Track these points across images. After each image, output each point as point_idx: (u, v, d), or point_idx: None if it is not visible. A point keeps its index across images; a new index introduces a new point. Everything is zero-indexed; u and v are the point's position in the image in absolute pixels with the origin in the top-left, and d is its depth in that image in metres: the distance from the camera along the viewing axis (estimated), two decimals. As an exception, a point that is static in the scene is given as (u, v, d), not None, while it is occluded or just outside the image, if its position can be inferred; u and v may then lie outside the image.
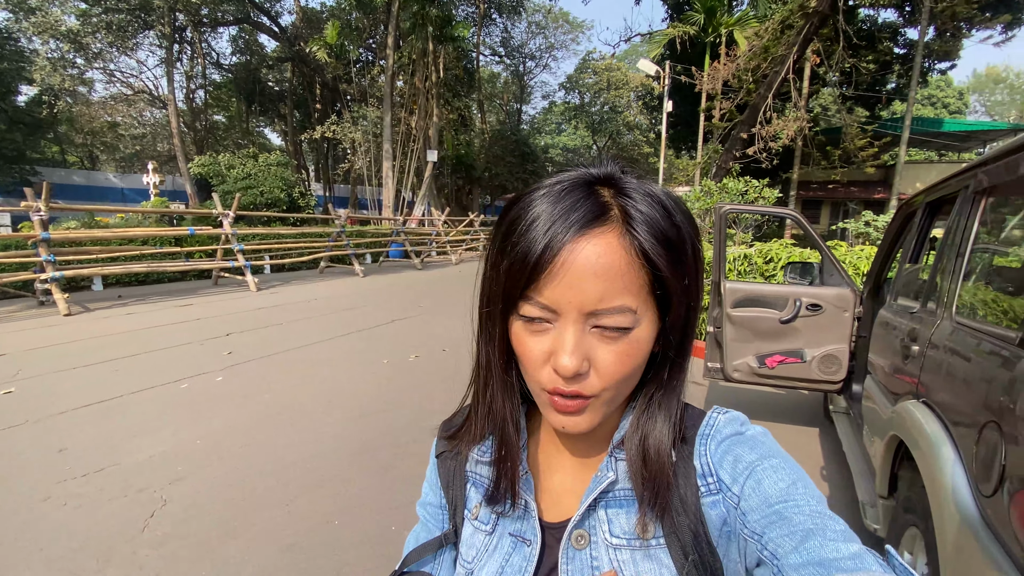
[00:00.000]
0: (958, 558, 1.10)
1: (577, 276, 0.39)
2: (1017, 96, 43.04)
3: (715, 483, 0.45)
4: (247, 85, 29.07)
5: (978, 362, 1.26)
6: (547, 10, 37.74)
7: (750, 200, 6.99)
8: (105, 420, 3.40)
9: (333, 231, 11.73)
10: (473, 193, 27.97)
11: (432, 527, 0.58)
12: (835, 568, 0.34)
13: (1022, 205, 1.59)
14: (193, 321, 6.44)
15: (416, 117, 20.05)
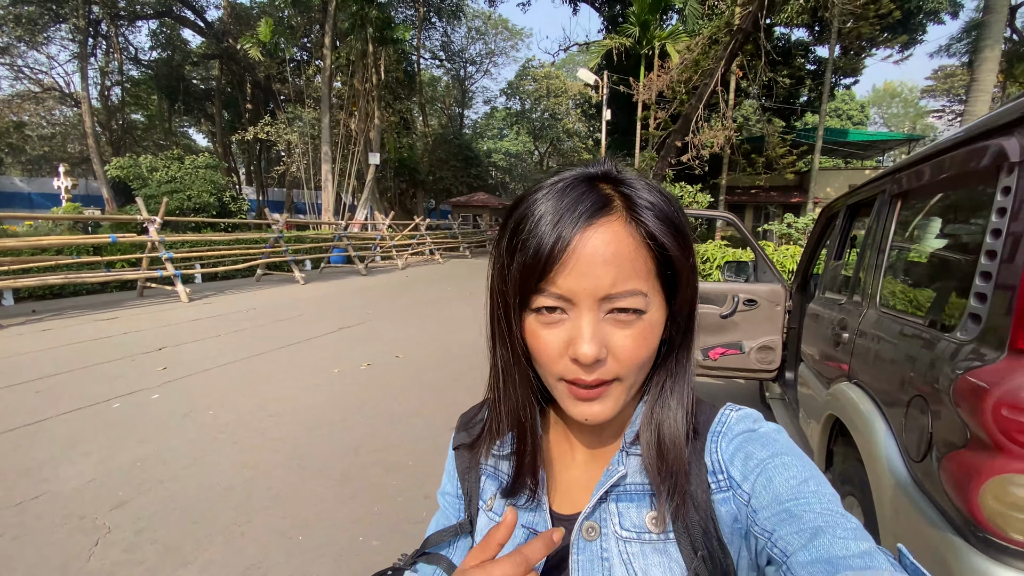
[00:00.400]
0: (896, 518, 1.26)
1: (589, 264, 0.40)
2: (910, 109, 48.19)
3: (726, 480, 0.45)
4: (169, 82, 27.10)
5: (902, 344, 1.43)
6: (487, 16, 38.00)
7: (686, 204, 7.41)
8: (31, 445, 3.08)
9: (270, 237, 11.18)
10: (417, 196, 27.58)
11: (450, 515, 0.60)
12: (844, 566, 0.34)
13: (929, 206, 1.83)
14: (120, 336, 5.93)
15: (356, 119, 19.52)
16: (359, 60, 17.79)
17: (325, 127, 16.96)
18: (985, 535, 0.97)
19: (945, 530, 1.07)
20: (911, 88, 41.67)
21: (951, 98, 36.90)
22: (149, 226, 8.32)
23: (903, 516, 1.22)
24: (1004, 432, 0.94)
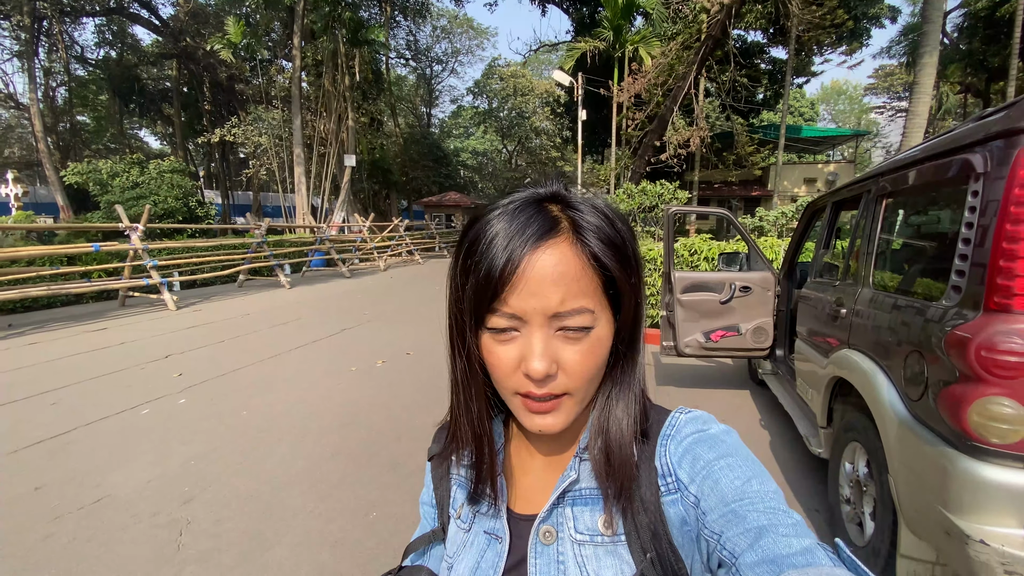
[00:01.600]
0: (900, 445, 1.63)
1: (537, 284, 0.42)
2: (855, 105, 50.99)
3: (674, 483, 0.47)
4: (121, 83, 25.96)
5: (896, 314, 1.81)
6: (452, 15, 37.98)
7: (667, 200, 7.88)
8: (67, 456, 3.16)
9: (253, 241, 11.07)
10: (391, 198, 27.43)
11: (426, 524, 0.64)
12: (787, 564, 0.35)
13: (911, 204, 2.23)
14: (117, 346, 5.89)
15: (326, 120, 19.31)
16: (329, 61, 17.62)
17: (296, 129, 16.75)
18: (972, 443, 1.34)
19: (940, 446, 1.44)
20: (855, 86, 44.24)
21: (891, 95, 39.34)
22: (131, 234, 8.16)
23: (905, 443, 1.59)
24: (983, 368, 1.31)
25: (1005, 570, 1.27)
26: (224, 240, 11.48)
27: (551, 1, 20.31)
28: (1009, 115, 1.45)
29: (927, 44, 8.77)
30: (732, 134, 13.78)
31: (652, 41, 11.02)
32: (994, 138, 1.48)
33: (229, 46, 15.21)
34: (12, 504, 2.61)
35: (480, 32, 41.21)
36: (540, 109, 40.32)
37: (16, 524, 2.43)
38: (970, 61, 16.15)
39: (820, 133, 25.57)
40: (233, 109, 26.11)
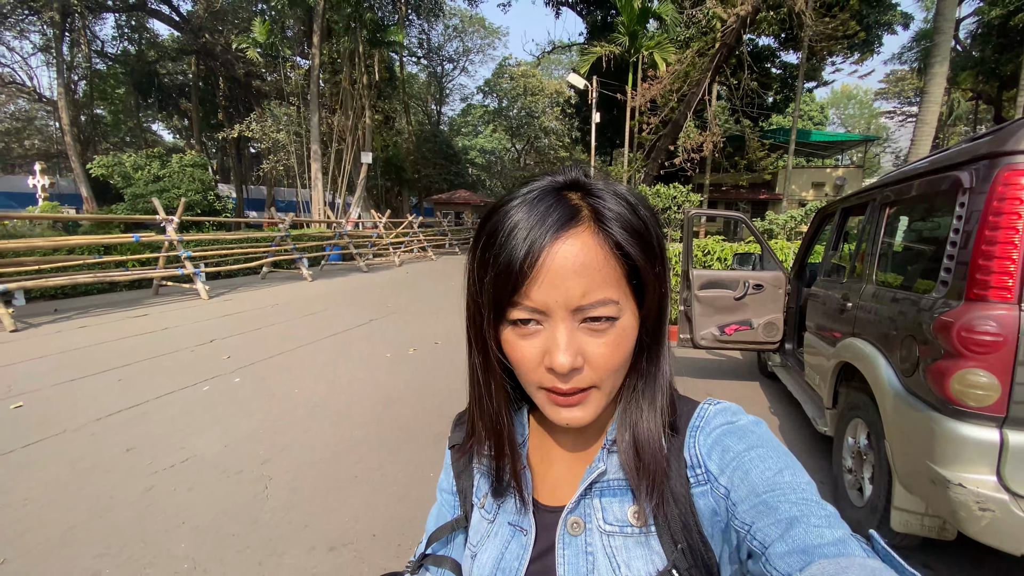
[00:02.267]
0: (895, 413, 1.95)
1: (559, 275, 0.41)
2: (865, 110, 50.94)
3: (703, 474, 0.47)
4: (141, 77, 26.46)
5: (894, 306, 2.13)
6: (464, 15, 38.29)
7: (680, 202, 8.18)
8: (145, 424, 3.52)
9: (276, 235, 11.45)
10: (402, 194, 27.81)
11: (445, 511, 0.63)
12: (819, 554, 0.35)
13: (910, 212, 2.54)
14: (162, 331, 6.26)
15: (340, 118, 19.68)
16: (347, 60, 17.98)
17: (314, 126, 17.13)
18: (954, 407, 1.66)
19: (928, 411, 1.76)
20: (866, 91, 44.25)
21: (902, 100, 39.33)
22: (167, 226, 8.54)
23: (899, 412, 1.91)
24: (963, 345, 1.62)
25: (979, 507, 1.59)
26: (251, 233, 11.86)
27: (565, 4, 20.60)
28: (993, 140, 1.77)
29: (937, 54, 9.01)
30: (743, 138, 14.05)
31: (667, 46, 11.30)
32: (980, 159, 1.80)
33: (255, 45, 15.59)
34: (112, 461, 2.97)
35: (492, 31, 41.50)
36: (550, 109, 40.60)
37: (121, 477, 2.78)
38: (982, 69, 16.31)
39: (829, 138, 25.74)
40: (249, 105, 26.56)
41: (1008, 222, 1.64)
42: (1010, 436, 1.60)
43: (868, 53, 15.34)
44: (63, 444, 3.18)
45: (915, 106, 31.13)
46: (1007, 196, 1.65)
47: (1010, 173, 1.66)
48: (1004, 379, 1.59)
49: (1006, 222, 1.64)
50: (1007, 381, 1.59)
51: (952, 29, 8.88)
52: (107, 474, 2.82)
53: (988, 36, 15.45)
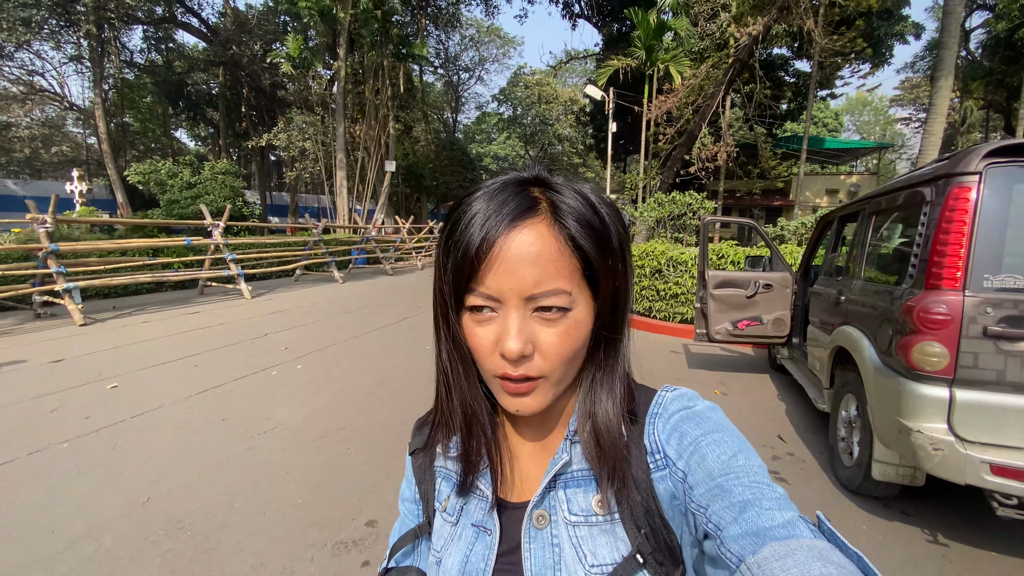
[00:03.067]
0: (874, 382, 2.41)
1: (513, 263, 0.43)
2: (880, 117, 50.79)
3: (662, 459, 0.48)
4: (169, 87, 27.59)
5: (875, 297, 2.59)
6: (480, 25, 39.15)
7: (695, 209, 8.64)
8: (232, 400, 4.07)
9: (310, 240, 12.10)
10: (421, 201, 28.57)
11: (408, 521, 0.63)
12: (769, 536, 0.37)
13: (888, 219, 3.00)
14: (218, 326, 6.87)
15: (363, 127, 20.44)
16: (371, 72, 18.72)
17: (340, 135, 17.87)
18: (915, 372, 2.12)
19: (897, 377, 2.22)
20: (880, 98, 44.20)
21: (917, 107, 39.28)
22: (213, 230, 9.20)
23: (877, 380, 2.38)
24: (921, 323, 2.09)
25: (933, 448, 2.06)
26: (287, 238, 12.54)
27: (581, 16, 21.19)
28: (948, 163, 2.24)
29: (943, 68, 9.39)
30: (756, 146, 14.50)
31: (682, 60, 11.80)
32: (939, 178, 2.27)
33: (288, 59, 16.40)
34: (213, 428, 3.52)
35: (508, 41, 42.33)
36: (563, 116, 41.22)
37: (224, 440, 3.33)
38: (991, 79, 16.54)
39: (843, 145, 25.94)
40: (273, 113, 27.53)
41: (957, 228, 2.11)
42: (957, 393, 2.06)
43: (879, 65, 15.73)
44: (166, 415, 3.74)
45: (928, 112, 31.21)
46: (956, 208, 2.12)
47: (959, 189, 2.13)
48: (952, 349, 2.06)
49: (955, 228, 2.11)
50: (954, 350, 2.06)
51: (956, 45, 9.25)
52: (212, 437, 3.36)
53: (996, 48, 15.70)
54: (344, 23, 16.69)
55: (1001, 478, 1.96)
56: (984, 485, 1.99)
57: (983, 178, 2.10)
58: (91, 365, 4.95)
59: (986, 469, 1.98)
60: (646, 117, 11.43)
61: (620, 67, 12.27)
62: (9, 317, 7.23)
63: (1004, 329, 2.01)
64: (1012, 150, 2.10)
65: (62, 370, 4.77)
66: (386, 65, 17.71)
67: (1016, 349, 2.00)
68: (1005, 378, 2.02)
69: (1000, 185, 2.09)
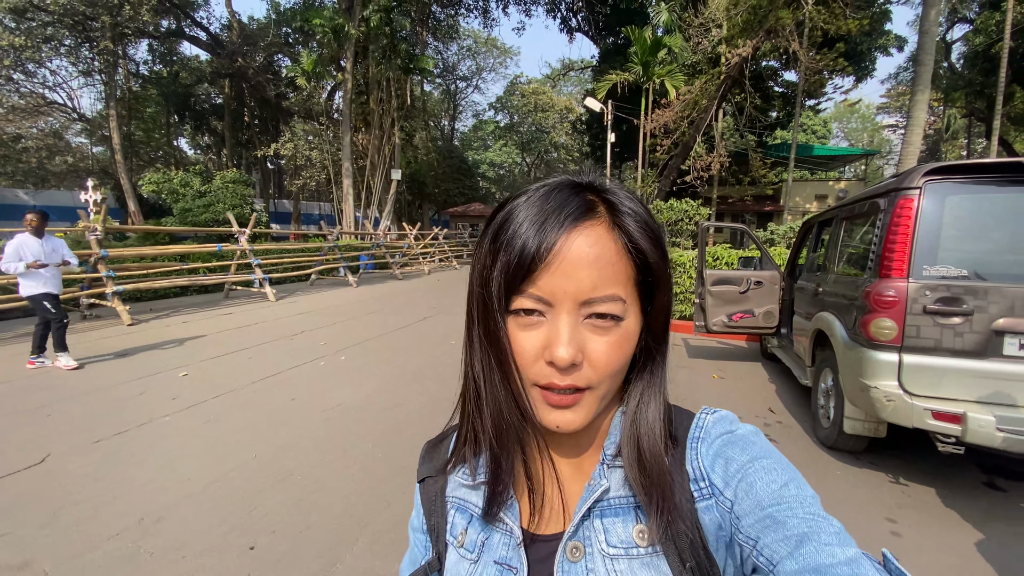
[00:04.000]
0: (843, 354, 3.03)
1: (572, 265, 0.41)
2: (868, 123, 52.00)
3: (708, 487, 0.45)
4: (176, 99, 28.17)
5: (844, 287, 3.22)
6: (477, 36, 40.01)
7: (691, 215, 9.29)
8: (294, 384, 4.63)
9: (326, 246, 12.66)
10: (423, 208, 29.19)
11: (417, 553, 0.60)
12: (832, 575, 0.34)
13: (855, 224, 3.63)
14: (254, 325, 7.41)
15: (367, 136, 21.06)
16: (374, 83, 19.37)
17: (346, 145, 18.48)
18: (872, 342, 2.74)
19: (860, 348, 2.84)
20: (868, 105, 45.41)
21: (903, 114, 40.40)
22: (240, 237, 9.75)
23: (846, 351, 2.99)
24: (875, 304, 2.71)
25: (887, 400, 2.67)
26: (307, 244, 13.09)
27: (579, 30, 21.98)
28: (897, 180, 2.87)
29: (920, 83, 10.14)
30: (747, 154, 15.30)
31: (676, 75, 12.54)
32: (891, 191, 2.90)
33: (303, 74, 17.04)
34: (285, 406, 4.08)
35: (504, 51, 43.17)
36: (559, 124, 42.08)
37: (300, 415, 3.90)
38: (971, 89, 17.43)
39: (832, 152, 26.84)
40: (276, 123, 28.13)
41: (903, 230, 2.73)
42: (904, 358, 2.68)
43: (862, 78, 16.62)
44: (240, 397, 4.30)
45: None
46: (902, 214, 2.75)
47: (904, 200, 2.76)
48: (900, 323, 2.68)
49: (902, 230, 2.73)
50: (901, 324, 2.67)
51: (932, 62, 10.00)
52: (288, 413, 3.93)
53: (975, 60, 16.59)
54: (352, 39, 17.36)
55: (941, 422, 2.57)
56: (928, 427, 2.60)
57: (922, 192, 2.73)
58: (154, 358, 5.50)
59: (929, 415, 2.58)
60: (644, 129, 12.14)
61: (618, 81, 12.99)
62: (56, 319, 7.74)
63: (939, 307, 2.63)
64: (944, 170, 2.73)
65: (131, 363, 5.31)
66: (391, 78, 18.37)
67: (948, 323, 2.62)
68: (941, 345, 2.63)
69: (935, 197, 2.71)
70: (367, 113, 20.77)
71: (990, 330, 2.54)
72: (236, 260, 10.05)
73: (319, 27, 15.16)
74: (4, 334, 6.67)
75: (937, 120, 29.11)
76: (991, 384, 2.53)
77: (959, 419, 2.49)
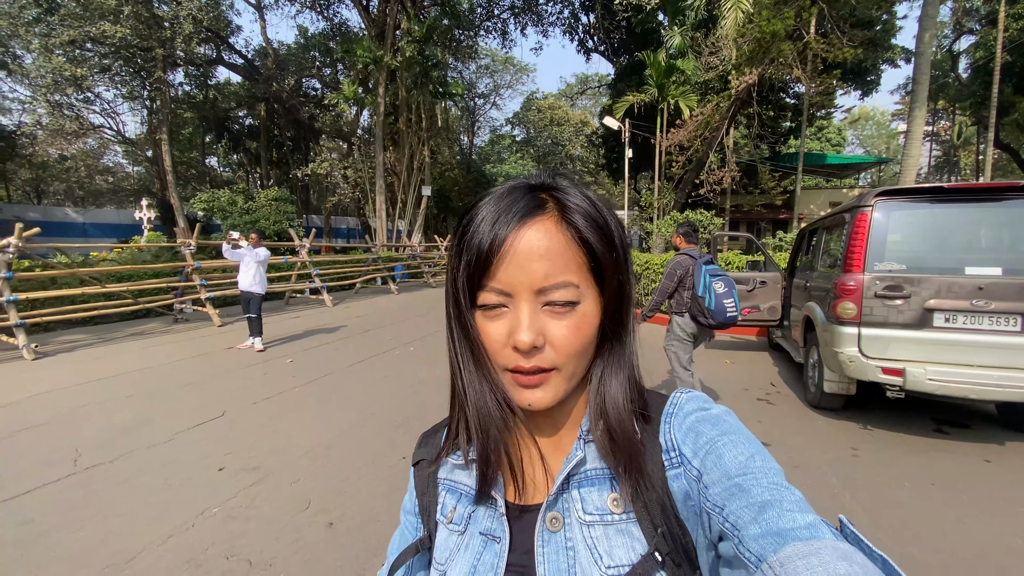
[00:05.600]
0: (822, 331, 4.00)
1: (524, 258, 0.45)
2: (883, 130, 52.21)
3: (677, 457, 0.49)
4: (214, 122, 30.12)
5: (825, 280, 4.19)
6: (494, 54, 41.63)
7: (705, 225, 10.26)
8: (387, 364, 5.71)
9: (369, 257, 13.90)
10: (447, 221, 30.55)
11: (407, 533, 0.64)
12: (792, 537, 0.36)
13: (832, 232, 4.59)
14: (323, 325, 8.57)
15: (395, 154, 22.46)
16: (404, 105, 20.78)
17: (379, 164, 19.84)
18: (840, 320, 3.72)
19: (832, 325, 3.81)
20: (882, 112, 45.77)
21: (918, 121, 40.65)
22: (301, 249, 10.99)
23: (823, 329, 3.97)
24: (841, 292, 3.70)
25: (850, 361, 3.64)
26: (356, 256, 14.34)
27: (595, 51, 23.20)
28: (856, 199, 3.86)
29: (917, 100, 11.00)
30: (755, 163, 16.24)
31: (690, 96, 13.59)
32: (854, 208, 3.88)
33: (345, 100, 18.52)
34: (382, 381, 5.15)
35: (521, 69, 44.72)
36: (575, 138, 43.30)
37: (398, 387, 4.96)
38: (975, 100, 18.12)
39: (845, 160, 27.47)
40: (308, 143, 29.85)
41: (860, 237, 3.71)
42: (862, 331, 3.64)
43: (868, 92, 17.48)
44: (347, 374, 5.40)
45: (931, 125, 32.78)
46: (860, 225, 3.73)
47: (861, 214, 3.74)
48: (858, 305, 3.65)
49: (860, 237, 3.72)
50: (859, 306, 3.64)
51: (927, 82, 10.85)
52: (387, 384, 5.00)
53: (978, 73, 17.31)
54: (386, 66, 18.80)
55: (888, 376, 3.52)
56: (879, 380, 3.55)
57: (874, 208, 3.71)
58: (255, 351, 6.64)
59: (879, 371, 3.54)
60: (661, 146, 13.19)
61: (635, 102, 14.08)
62: (153, 322, 9.01)
63: (886, 293, 3.60)
64: (890, 192, 3.72)
65: (237, 355, 6.47)
66: (422, 101, 19.76)
67: (893, 304, 3.59)
68: (888, 320, 3.59)
69: (884, 212, 3.70)
70: (394, 133, 22.20)
71: (923, 308, 3.50)
72: (296, 271, 11.26)
73: (361, 57, 16.57)
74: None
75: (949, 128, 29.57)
76: (923, 347, 3.49)
77: (900, 373, 3.45)
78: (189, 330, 8.22)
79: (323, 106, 26.73)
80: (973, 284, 3.41)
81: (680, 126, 12.98)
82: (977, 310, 3.40)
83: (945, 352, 3.45)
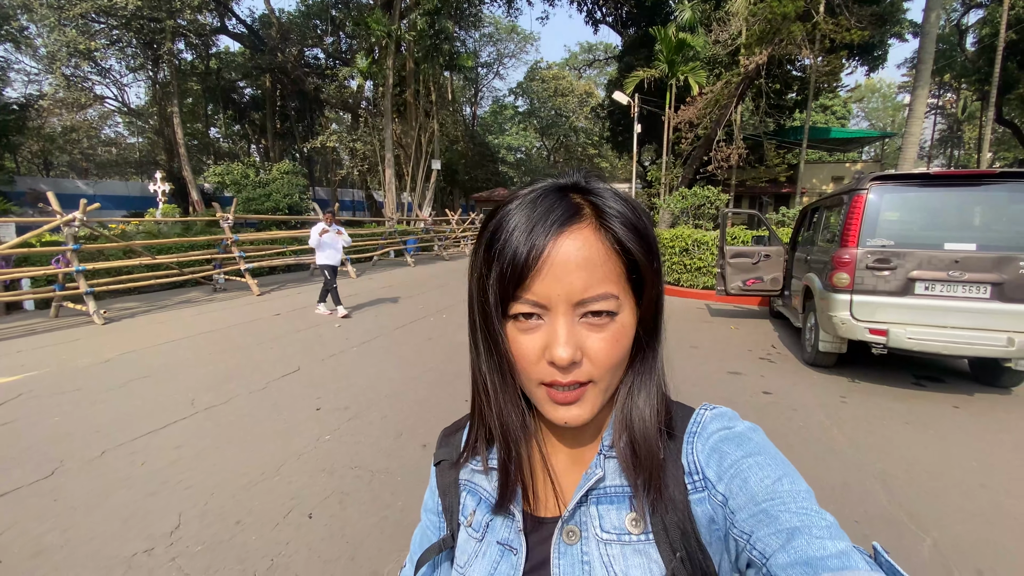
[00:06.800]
0: (819, 298, 4.60)
1: (562, 269, 0.43)
2: (888, 103, 51.78)
3: (701, 481, 0.47)
4: (219, 93, 30.00)
5: (824, 253, 4.77)
6: (498, 22, 40.95)
7: (712, 201, 10.76)
8: (424, 329, 6.33)
9: (386, 231, 14.40)
10: (453, 194, 30.83)
11: (430, 532, 0.64)
12: (822, 567, 0.35)
13: (831, 211, 5.14)
14: (354, 295, 9.16)
15: (402, 126, 22.62)
16: (411, 77, 20.85)
17: (388, 137, 20.08)
18: (835, 288, 4.31)
19: (828, 293, 4.41)
20: (889, 84, 45.34)
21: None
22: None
23: (820, 297, 4.57)
24: (837, 264, 4.28)
25: (842, 323, 4.25)
26: (375, 229, 14.84)
27: (603, 22, 23.07)
28: (854, 183, 4.41)
29: (920, 80, 11.34)
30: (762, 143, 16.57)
31: (699, 71, 13.83)
32: (851, 190, 4.43)
33: (360, 75, 18.64)
34: (423, 344, 5.77)
35: (525, 37, 44.03)
36: (579, 109, 43.04)
37: (436, 351, 5.59)
38: (980, 76, 18.29)
39: (849, 134, 27.59)
40: (313, 114, 29.84)
41: (856, 215, 4.27)
42: (854, 297, 4.24)
43: (875, 67, 17.67)
44: (392, 338, 6.02)
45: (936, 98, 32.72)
46: (856, 205, 4.29)
47: (857, 196, 4.29)
48: (851, 275, 4.23)
49: (855, 215, 4.28)
50: (852, 276, 4.23)
51: (931, 61, 11.16)
52: (431, 344, 5.63)
53: (984, 50, 17.44)
54: (396, 39, 18.82)
55: (874, 335, 4.14)
56: (866, 339, 4.17)
57: (869, 191, 4.26)
58: (305, 316, 7.25)
59: (866, 331, 4.16)
60: (670, 122, 13.52)
61: (645, 78, 14.33)
62: (193, 291, 9.60)
63: (876, 265, 4.18)
64: (884, 178, 4.26)
65: (286, 320, 7.08)
66: (431, 74, 19.85)
67: (881, 275, 4.17)
68: (876, 288, 4.19)
69: (878, 194, 4.24)
70: (400, 105, 22.29)
71: (907, 278, 4.09)
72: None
73: (376, 30, 16.63)
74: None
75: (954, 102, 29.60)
76: (905, 311, 4.10)
77: (884, 332, 4.07)
78: (231, 299, 8.82)
79: (326, 76, 26.70)
80: (950, 257, 4.00)
81: (691, 103, 13.29)
82: (953, 280, 3.99)
83: (924, 315, 4.06)
